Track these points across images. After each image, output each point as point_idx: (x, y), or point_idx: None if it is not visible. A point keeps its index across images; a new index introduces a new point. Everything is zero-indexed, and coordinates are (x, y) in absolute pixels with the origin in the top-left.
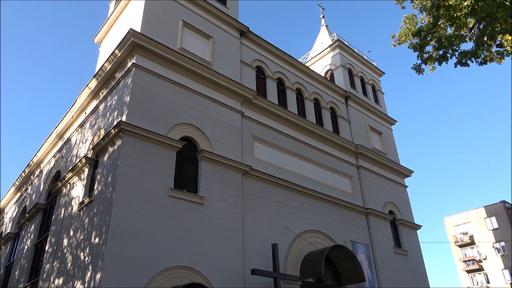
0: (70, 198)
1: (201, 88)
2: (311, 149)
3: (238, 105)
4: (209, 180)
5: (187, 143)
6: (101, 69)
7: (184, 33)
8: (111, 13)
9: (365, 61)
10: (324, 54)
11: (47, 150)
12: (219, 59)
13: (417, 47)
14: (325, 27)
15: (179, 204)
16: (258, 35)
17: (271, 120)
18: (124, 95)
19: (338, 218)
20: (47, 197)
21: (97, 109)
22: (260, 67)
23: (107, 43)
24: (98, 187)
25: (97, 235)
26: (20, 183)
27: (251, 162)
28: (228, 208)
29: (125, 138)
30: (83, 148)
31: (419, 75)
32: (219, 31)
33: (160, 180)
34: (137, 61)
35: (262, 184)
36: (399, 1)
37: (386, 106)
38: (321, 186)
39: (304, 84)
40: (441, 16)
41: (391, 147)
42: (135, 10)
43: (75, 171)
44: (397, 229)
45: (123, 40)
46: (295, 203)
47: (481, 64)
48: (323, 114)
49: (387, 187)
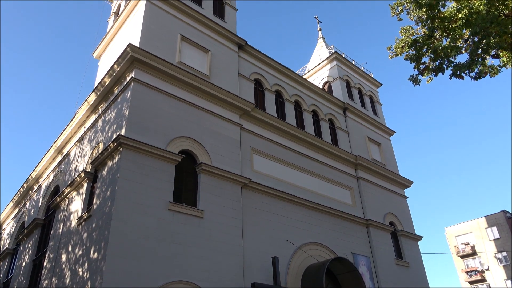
0: (68, 213)
1: (199, 101)
2: (310, 160)
3: (236, 117)
4: (208, 193)
5: (186, 156)
6: (100, 83)
7: (183, 47)
8: (110, 28)
9: (363, 72)
10: (322, 66)
11: (46, 164)
12: (218, 72)
13: (413, 59)
14: (322, 40)
15: (179, 218)
16: (256, 48)
17: (270, 132)
18: (123, 109)
19: (339, 230)
20: (46, 212)
21: (96, 123)
22: (258, 79)
23: (106, 58)
24: (97, 201)
25: (96, 250)
26: (18, 198)
27: (251, 174)
28: (228, 221)
29: (124, 152)
30: (82, 163)
31: (415, 86)
32: (217, 45)
33: (159, 194)
34: (136, 75)
35: (262, 197)
36: (395, 13)
37: (384, 117)
38: (321, 198)
39: (303, 96)
40: (436, 27)
41: (390, 157)
42: (133, 25)
43: (74, 186)
44: (398, 240)
45: (122, 55)
46: (295, 215)
47: (476, 79)
48: (322, 126)
49: (387, 198)
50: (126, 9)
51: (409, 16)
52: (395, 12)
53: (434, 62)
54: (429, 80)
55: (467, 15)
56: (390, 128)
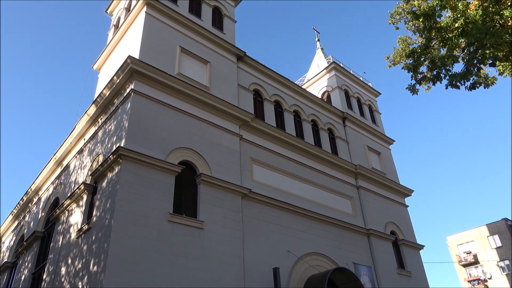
0: (68, 225)
1: (199, 112)
2: (310, 170)
3: (236, 128)
4: (208, 204)
5: (186, 167)
6: (100, 95)
7: (182, 58)
8: (109, 40)
9: (361, 82)
10: (320, 76)
11: (46, 177)
12: (217, 83)
13: (411, 68)
14: (320, 50)
15: (179, 229)
16: (254, 59)
17: (270, 142)
18: (122, 121)
19: (340, 240)
20: (45, 224)
21: (96, 135)
22: (258, 90)
23: (106, 70)
24: (97, 213)
25: (96, 263)
26: (18, 211)
27: (251, 185)
28: (228, 232)
29: (123, 164)
30: (82, 175)
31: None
32: (216, 56)
33: (159, 205)
34: (136, 87)
35: (262, 207)
36: (393, 21)
37: (383, 126)
38: (321, 208)
39: (302, 106)
40: (433, 37)
41: (390, 166)
42: (133, 37)
43: (73, 198)
44: (400, 249)
45: (122, 67)
46: (296, 225)
47: (470, 89)
48: (321, 135)
49: (388, 207)
50: (126, 22)
51: (407, 25)
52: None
53: (431, 71)
54: (427, 89)
55: (463, 25)
56: (390, 137)
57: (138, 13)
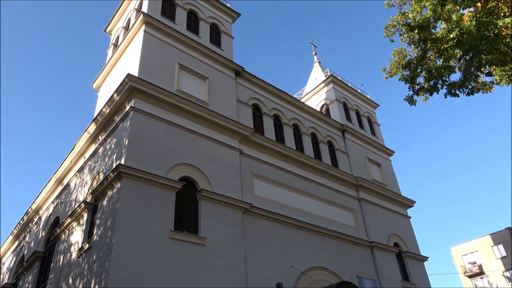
0: (69, 245)
1: (199, 128)
2: (311, 183)
3: (236, 143)
4: (209, 219)
5: (186, 183)
6: (100, 113)
7: (181, 75)
8: (109, 59)
9: (359, 94)
10: (319, 89)
11: (46, 196)
12: (216, 98)
13: (408, 79)
14: (318, 64)
15: (180, 246)
16: (253, 74)
17: (270, 156)
18: (122, 138)
19: (343, 253)
20: (46, 244)
21: (96, 153)
22: (257, 104)
23: (105, 88)
24: (98, 232)
25: (97, 282)
26: (18, 231)
27: (252, 199)
28: (230, 248)
29: (124, 181)
30: (82, 193)
31: (411, 106)
32: (214, 72)
33: (160, 222)
34: (135, 104)
35: (264, 222)
36: (387, 34)
37: (383, 137)
38: (323, 221)
39: (301, 119)
40: (429, 48)
41: (391, 178)
42: (132, 55)
43: (74, 217)
44: (404, 261)
45: (121, 85)
46: (298, 239)
47: (469, 95)
48: (321, 148)
49: (390, 219)
50: (125, 40)
51: (401, 38)
52: (387, 33)
53: (428, 82)
54: (425, 99)
55: (458, 36)
56: (390, 148)
57: (137, 32)
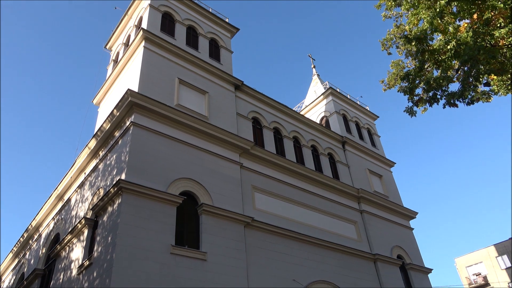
0: (69, 262)
1: (199, 142)
2: (313, 196)
3: (236, 156)
4: (210, 234)
5: (187, 197)
6: (100, 129)
7: (181, 90)
8: (109, 75)
9: (359, 106)
10: (318, 102)
11: (46, 212)
12: (216, 112)
13: (406, 90)
14: (316, 76)
15: (181, 262)
16: (252, 88)
17: (270, 169)
18: (123, 153)
19: (346, 267)
20: (46, 261)
21: (97, 168)
22: (256, 118)
23: (105, 104)
24: (98, 248)
25: None
26: (18, 249)
27: (253, 213)
28: (232, 263)
29: (124, 196)
30: (83, 209)
31: (411, 117)
32: (214, 86)
33: (161, 237)
34: (135, 119)
35: (265, 235)
36: (385, 47)
37: (383, 148)
38: (326, 234)
39: (301, 132)
40: (426, 60)
41: (392, 189)
42: (132, 71)
43: (74, 233)
44: (408, 274)
45: (121, 100)
46: (300, 253)
47: (468, 104)
48: (322, 161)
49: (393, 231)
50: (125, 56)
51: (398, 50)
52: (384, 47)
53: (427, 93)
54: (424, 110)
55: (455, 47)
56: (390, 160)
57: (137, 48)
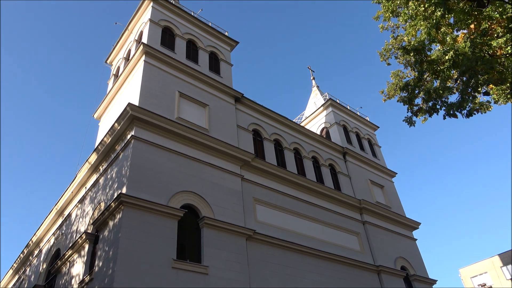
0: (70, 277)
1: (199, 154)
2: (314, 207)
3: (237, 168)
4: (212, 247)
5: (188, 210)
6: (101, 143)
7: (181, 103)
8: (109, 89)
9: (359, 117)
10: (318, 113)
11: (47, 228)
12: (216, 125)
13: (406, 101)
14: (316, 88)
15: (183, 276)
16: (252, 100)
17: (271, 181)
18: (124, 167)
19: (349, 279)
20: (46, 277)
21: (97, 182)
22: (257, 130)
23: (106, 118)
24: (99, 263)
25: None
26: (18, 265)
27: (254, 225)
28: (234, 276)
29: (125, 211)
30: (84, 223)
31: (410, 127)
32: (214, 99)
33: (162, 251)
34: (136, 133)
35: (267, 248)
36: (384, 58)
37: (384, 159)
38: (328, 246)
39: (301, 143)
40: (425, 70)
41: (394, 199)
42: (133, 85)
43: (75, 248)
44: (412, 285)
45: (122, 114)
46: (303, 265)
47: (467, 116)
48: (323, 172)
49: (396, 242)
50: (125, 71)
51: (398, 60)
52: (383, 58)
53: (427, 103)
54: (424, 120)
55: (453, 57)
56: (392, 170)
57: (137, 62)
